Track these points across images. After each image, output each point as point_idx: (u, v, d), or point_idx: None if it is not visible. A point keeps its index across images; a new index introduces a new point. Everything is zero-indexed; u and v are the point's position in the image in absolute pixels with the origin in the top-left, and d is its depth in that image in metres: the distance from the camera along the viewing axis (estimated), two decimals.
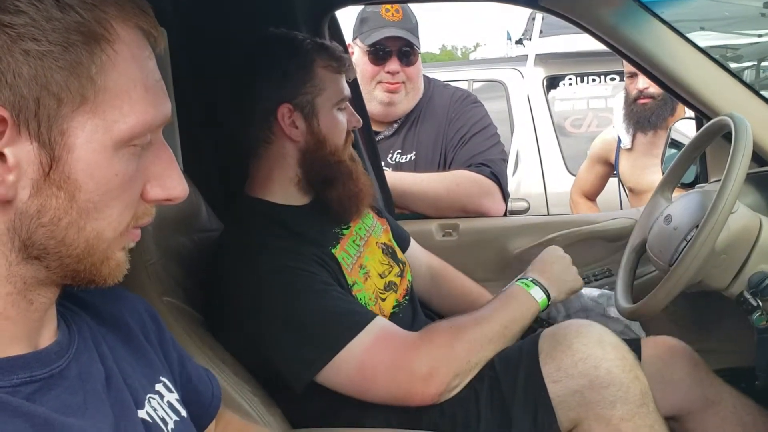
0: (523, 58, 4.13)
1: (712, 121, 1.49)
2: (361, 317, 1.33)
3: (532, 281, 1.49)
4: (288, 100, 1.43)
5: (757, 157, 1.58)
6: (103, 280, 0.69)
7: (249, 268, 1.35)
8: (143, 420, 0.74)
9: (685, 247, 1.36)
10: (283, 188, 1.49)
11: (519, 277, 1.56)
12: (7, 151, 0.60)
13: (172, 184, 0.71)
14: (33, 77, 0.59)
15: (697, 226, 1.32)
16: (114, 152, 0.64)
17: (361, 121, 1.61)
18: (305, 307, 1.31)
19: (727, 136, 1.38)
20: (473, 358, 1.33)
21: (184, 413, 0.82)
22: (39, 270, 0.65)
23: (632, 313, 1.48)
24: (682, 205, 1.48)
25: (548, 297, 1.48)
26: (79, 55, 0.61)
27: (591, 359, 1.29)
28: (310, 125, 1.44)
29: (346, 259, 1.47)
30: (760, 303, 1.34)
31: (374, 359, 1.29)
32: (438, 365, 1.29)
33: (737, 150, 1.27)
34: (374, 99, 2.24)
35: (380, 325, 1.34)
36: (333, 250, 1.46)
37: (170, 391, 0.81)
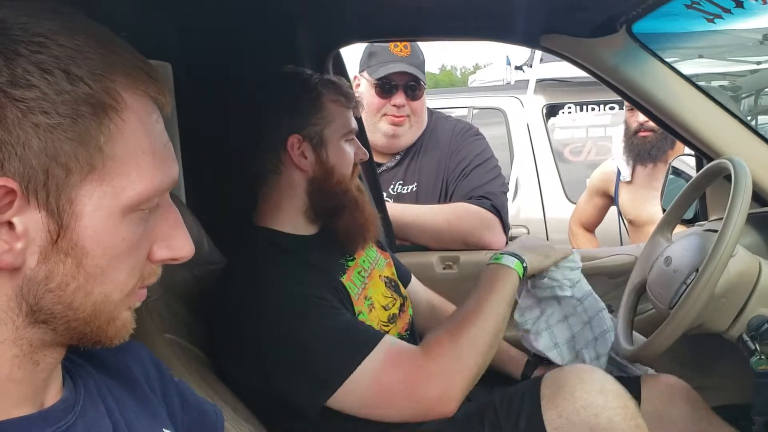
0: (522, 86, 4.17)
1: (711, 163, 1.51)
2: (371, 336, 1.34)
3: (500, 253, 1.49)
4: (297, 131, 1.45)
5: (757, 197, 1.59)
6: (109, 341, 0.69)
7: (257, 297, 1.36)
8: None
9: (685, 290, 1.36)
10: (292, 217, 1.50)
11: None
12: (15, 220, 0.60)
13: (178, 244, 0.71)
14: (42, 149, 0.59)
15: (697, 270, 1.32)
16: (122, 218, 0.64)
17: (368, 154, 1.63)
18: (316, 330, 1.32)
19: (728, 177, 1.39)
20: (480, 360, 1.33)
21: None
22: (46, 333, 0.65)
23: (633, 356, 1.49)
24: (682, 246, 1.49)
25: (522, 261, 1.48)
26: (88, 125, 0.61)
27: (592, 407, 1.28)
28: (318, 156, 1.47)
29: (352, 288, 1.49)
30: (759, 347, 1.35)
31: (389, 378, 1.30)
32: (451, 380, 1.30)
33: (736, 196, 1.28)
34: (378, 131, 2.27)
35: (390, 342, 1.35)
36: (341, 278, 1.48)
37: None
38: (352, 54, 2.41)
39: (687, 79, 1.64)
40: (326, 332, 1.32)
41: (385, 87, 2.25)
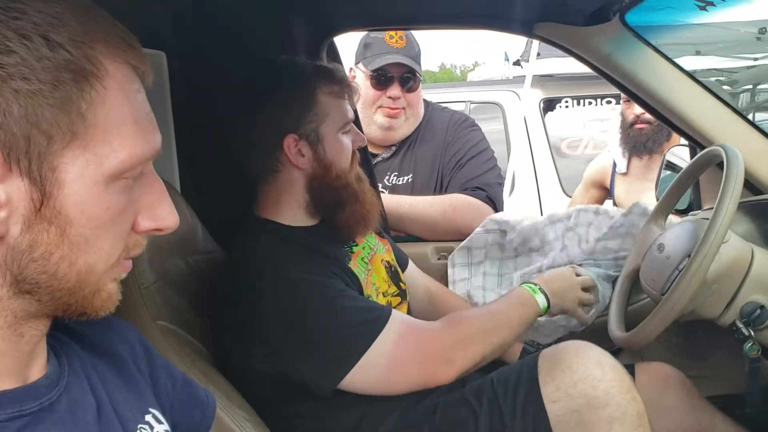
0: (520, 80, 4.17)
1: (704, 151, 1.51)
2: (382, 313, 1.38)
3: (538, 288, 1.58)
4: (293, 130, 1.44)
5: (750, 186, 1.59)
6: (94, 312, 0.69)
7: (265, 283, 1.37)
8: None
9: (677, 276, 1.36)
10: (293, 212, 1.51)
11: (527, 280, 1.67)
12: None
13: (162, 214, 0.71)
14: (23, 116, 0.59)
15: (689, 256, 1.33)
16: (105, 186, 0.64)
17: (365, 139, 1.63)
18: (326, 312, 1.34)
19: (721, 165, 1.39)
20: (486, 350, 1.41)
21: None
22: (30, 303, 0.65)
23: (625, 342, 1.49)
24: (674, 233, 1.49)
25: (548, 305, 1.58)
26: (69, 92, 0.61)
27: (589, 379, 1.30)
28: (316, 152, 1.46)
29: (360, 273, 1.51)
30: (752, 333, 1.35)
31: (403, 352, 1.35)
32: (455, 355, 1.38)
33: (728, 182, 1.28)
34: (374, 123, 2.27)
35: (400, 319, 1.40)
36: (349, 264, 1.50)
37: (159, 422, 0.81)
38: (348, 46, 2.41)
39: (680, 68, 1.64)
40: (337, 313, 1.34)
41: (380, 79, 2.24)
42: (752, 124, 1.64)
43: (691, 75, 1.66)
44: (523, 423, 1.33)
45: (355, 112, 2.01)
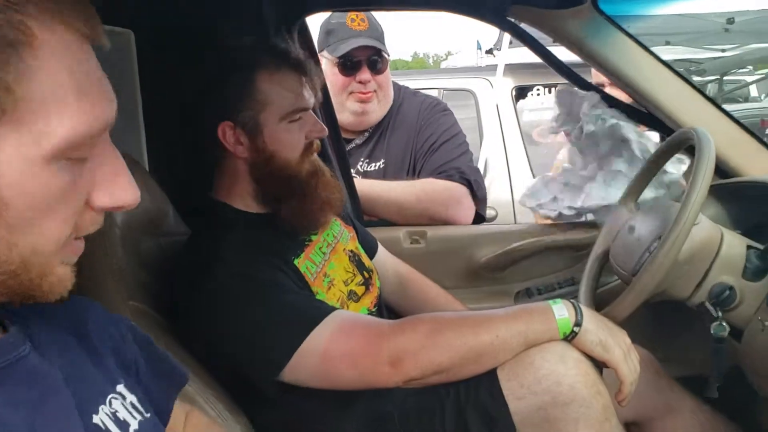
0: (492, 68, 4.17)
1: (675, 133, 1.52)
2: (319, 311, 1.31)
3: (571, 304, 1.30)
4: (227, 117, 1.39)
5: (719, 170, 1.61)
6: (43, 296, 0.64)
7: (205, 275, 1.34)
8: (96, 425, 0.71)
9: (648, 257, 1.37)
10: (243, 199, 1.48)
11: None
12: None
13: (118, 191, 0.65)
14: None
15: (660, 238, 1.34)
16: (45, 165, 0.59)
17: (326, 129, 1.53)
18: (262, 308, 1.30)
19: (690, 148, 1.41)
20: (445, 361, 1.25)
21: (148, 414, 0.80)
22: None
23: None
24: (645, 216, 1.50)
25: (578, 323, 1.27)
26: None
27: (553, 375, 1.24)
28: (254, 142, 1.41)
29: (310, 268, 1.46)
30: (720, 313, 1.36)
31: (335, 349, 1.27)
32: (403, 357, 1.24)
33: (700, 164, 1.29)
34: (346, 109, 2.25)
35: (342, 316, 1.32)
36: (296, 261, 1.44)
37: (132, 393, 0.79)
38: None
39: (651, 52, 1.66)
40: (273, 311, 1.30)
41: (347, 64, 2.22)
42: (721, 108, 1.67)
43: (661, 60, 1.68)
44: (482, 420, 1.29)
45: (326, 99, 1.98)
